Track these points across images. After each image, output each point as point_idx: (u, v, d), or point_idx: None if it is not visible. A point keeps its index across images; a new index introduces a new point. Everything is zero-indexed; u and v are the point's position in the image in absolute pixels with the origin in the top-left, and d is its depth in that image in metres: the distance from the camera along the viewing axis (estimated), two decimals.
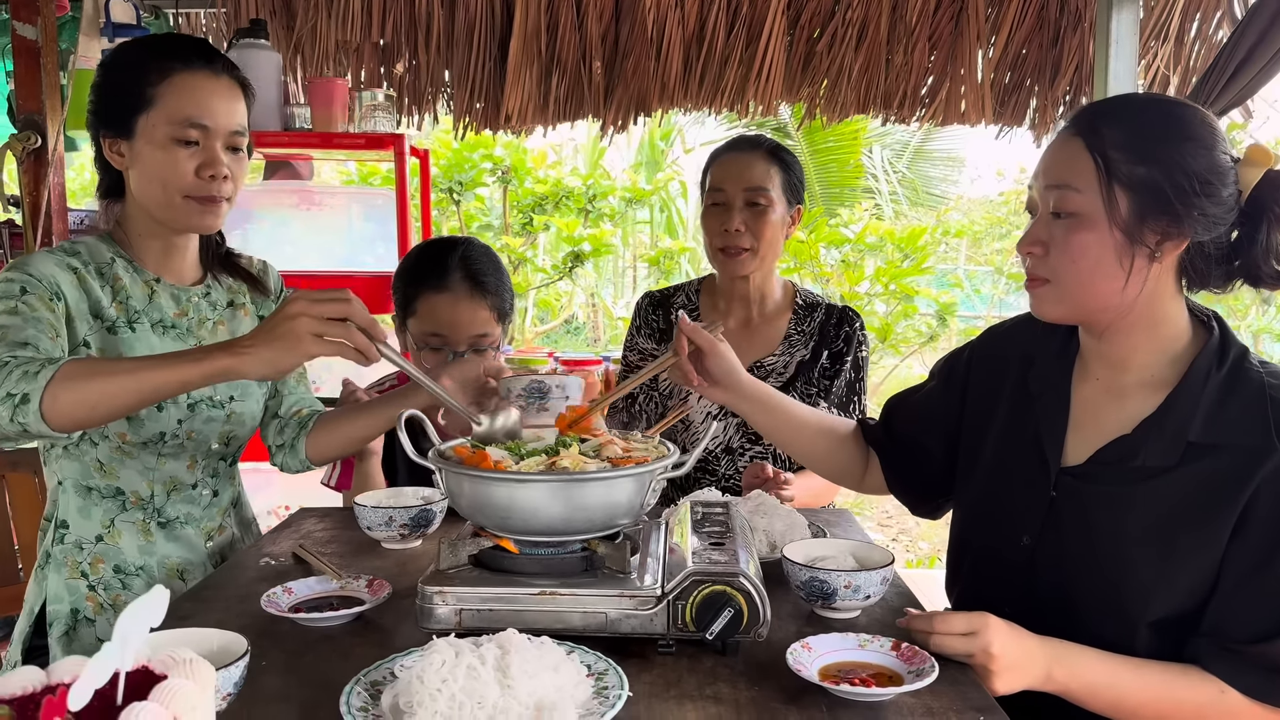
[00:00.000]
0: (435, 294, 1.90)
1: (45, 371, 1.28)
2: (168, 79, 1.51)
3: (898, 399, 1.63)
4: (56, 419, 1.28)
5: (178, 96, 1.51)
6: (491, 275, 1.94)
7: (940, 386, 1.55)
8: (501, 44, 3.40)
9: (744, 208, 2.07)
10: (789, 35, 3.39)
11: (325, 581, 1.36)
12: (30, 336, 1.38)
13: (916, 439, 1.56)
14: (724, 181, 2.10)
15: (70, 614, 1.59)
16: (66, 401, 1.28)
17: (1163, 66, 3.17)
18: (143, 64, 1.53)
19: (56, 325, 1.45)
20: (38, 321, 1.41)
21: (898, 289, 5.54)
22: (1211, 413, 1.22)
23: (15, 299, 1.43)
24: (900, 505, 1.66)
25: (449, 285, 1.90)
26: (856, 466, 1.63)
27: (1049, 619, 1.25)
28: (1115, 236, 1.21)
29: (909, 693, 1.06)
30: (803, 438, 1.59)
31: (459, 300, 1.89)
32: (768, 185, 2.07)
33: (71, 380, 1.28)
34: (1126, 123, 1.23)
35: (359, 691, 1.02)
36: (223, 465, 1.74)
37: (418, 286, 1.92)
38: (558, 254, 6.02)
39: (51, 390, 1.27)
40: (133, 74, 1.52)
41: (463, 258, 1.92)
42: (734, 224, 2.06)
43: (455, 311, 1.89)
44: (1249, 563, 1.19)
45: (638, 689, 1.07)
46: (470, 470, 1.22)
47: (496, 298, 1.94)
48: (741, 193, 2.07)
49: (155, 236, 1.61)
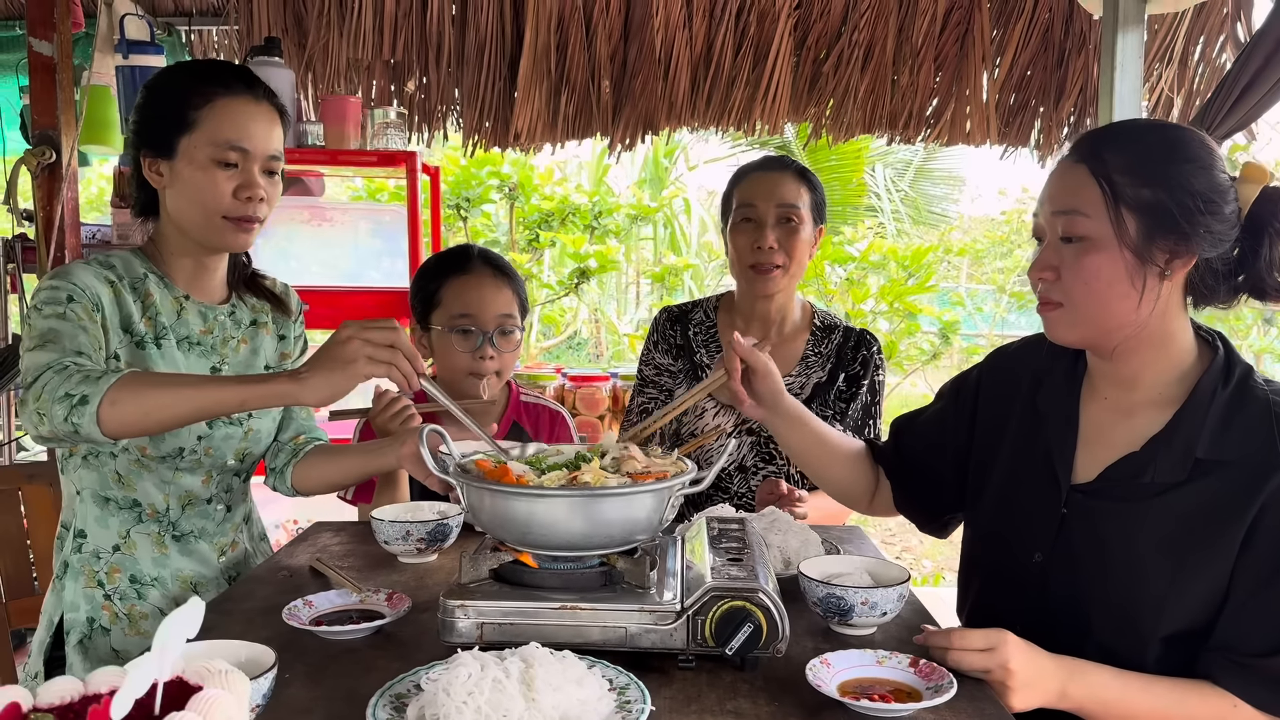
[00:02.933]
0: (460, 277, 2.01)
1: (108, 377, 1.33)
2: (210, 103, 1.55)
3: (905, 419, 1.65)
4: (111, 424, 1.32)
5: (219, 120, 1.55)
6: (509, 267, 2.09)
7: (949, 407, 1.57)
8: (511, 63, 3.43)
9: (776, 225, 2.08)
10: (796, 56, 3.42)
11: (345, 595, 1.37)
12: (83, 344, 1.43)
13: (925, 459, 1.57)
14: (755, 198, 2.10)
15: (86, 622, 1.60)
16: (124, 408, 1.32)
17: (1167, 89, 3.20)
18: (187, 87, 1.57)
19: (99, 337, 1.49)
20: (84, 331, 1.46)
21: (902, 307, 5.56)
22: (1218, 429, 1.24)
23: (64, 305, 1.47)
24: (904, 523, 1.67)
25: (472, 269, 2.02)
26: (866, 488, 1.65)
27: (1061, 635, 1.27)
28: (1126, 257, 1.23)
29: (928, 708, 1.07)
30: (824, 459, 1.61)
31: (483, 280, 2.01)
32: (798, 203, 2.09)
33: (133, 388, 1.33)
34: (1129, 147, 1.26)
35: (385, 704, 1.03)
36: (236, 481, 1.76)
37: (441, 278, 2.03)
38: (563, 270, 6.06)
39: (112, 395, 1.31)
40: (177, 96, 1.57)
41: (481, 252, 2.08)
42: (768, 241, 2.07)
43: (481, 290, 2.00)
44: (1258, 577, 1.20)
45: (659, 704, 1.08)
46: (491, 485, 1.23)
47: (516, 283, 2.06)
48: (774, 209, 2.08)
49: (187, 255, 1.65)
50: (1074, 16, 3.26)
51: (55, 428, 1.33)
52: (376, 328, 1.34)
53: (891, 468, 1.63)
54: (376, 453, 1.72)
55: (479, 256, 2.06)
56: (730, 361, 1.49)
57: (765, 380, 1.51)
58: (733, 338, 1.51)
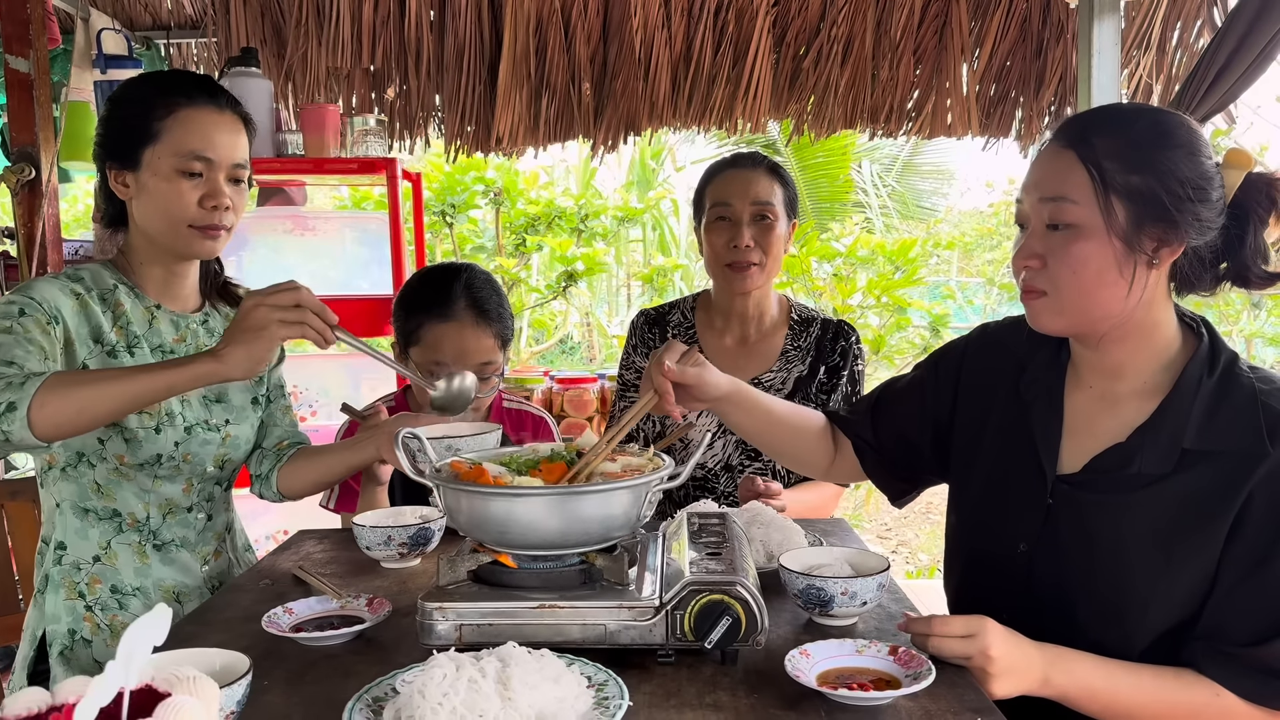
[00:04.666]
0: (440, 323, 1.90)
1: (32, 381, 1.32)
2: (174, 114, 1.56)
3: (883, 386, 1.62)
4: (42, 425, 1.31)
5: (183, 130, 1.56)
6: (494, 303, 1.95)
7: (929, 377, 1.54)
8: (491, 67, 3.44)
9: (751, 223, 2.08)
10: (775, 53, 3.43)
11: (325, 601, 1.37)
12: (18, 356, 1.42)
13: (902, 426, 1.54)
14: (730, 197, 2.10)
15: (68, 634, 1.60)
16: (53, 408, 1.31)
17: (1145, 75, 3.21)
18: (149, 99, 1.57)
19: (48, 348, 1.48)
20: (29, 342, 1.44)
21: (890, 301, 5.56)
22: (1205, 419, 1.23)
23: (12, 319, 1.46)
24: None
25: (453, 314, 1.90)
26: (823, 457, 1.60)
27: (1046, 625, 1.26)
28: (1115, 245, 1.21)
29: (907, 696, 1.07)
30: (778, 432, 1.56)
31: (464, 329, 1.90)
32: (772, 200, 2.09)
33: (59, 388, 1.33)
34: (1118, 133, 1.24)
35: (361, 708, 1.03)
36: (218, 490, 1.76)
37: (421, 316, 1.92)
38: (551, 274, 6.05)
39: (39, 398, 1.31)
40: (139, 108, 1.57)
41: (466, 285, 1.93)
42: (744, 239, 2.07)
43: (461, 340, 1.89)
44: (1244, 567, 1.20)
45: (638, 699, 1.07)
46: (467, 486, 1.23)
47: (500, 324, 1.95)
48: (749, 208, 2.08)
49: (157, 264, 1.65)
50: (1051, 6, 3.27)
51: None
52: (278, 290, 1.38)
53: (867, 434, 1.57)
54: (357, 447, 1.72)
55: (463, 296, 1.91)
56: (660, 385, 1.38)
57: (700, 388, 1.41)
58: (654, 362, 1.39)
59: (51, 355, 1.48)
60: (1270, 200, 1.23)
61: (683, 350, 1.41)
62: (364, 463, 1.75)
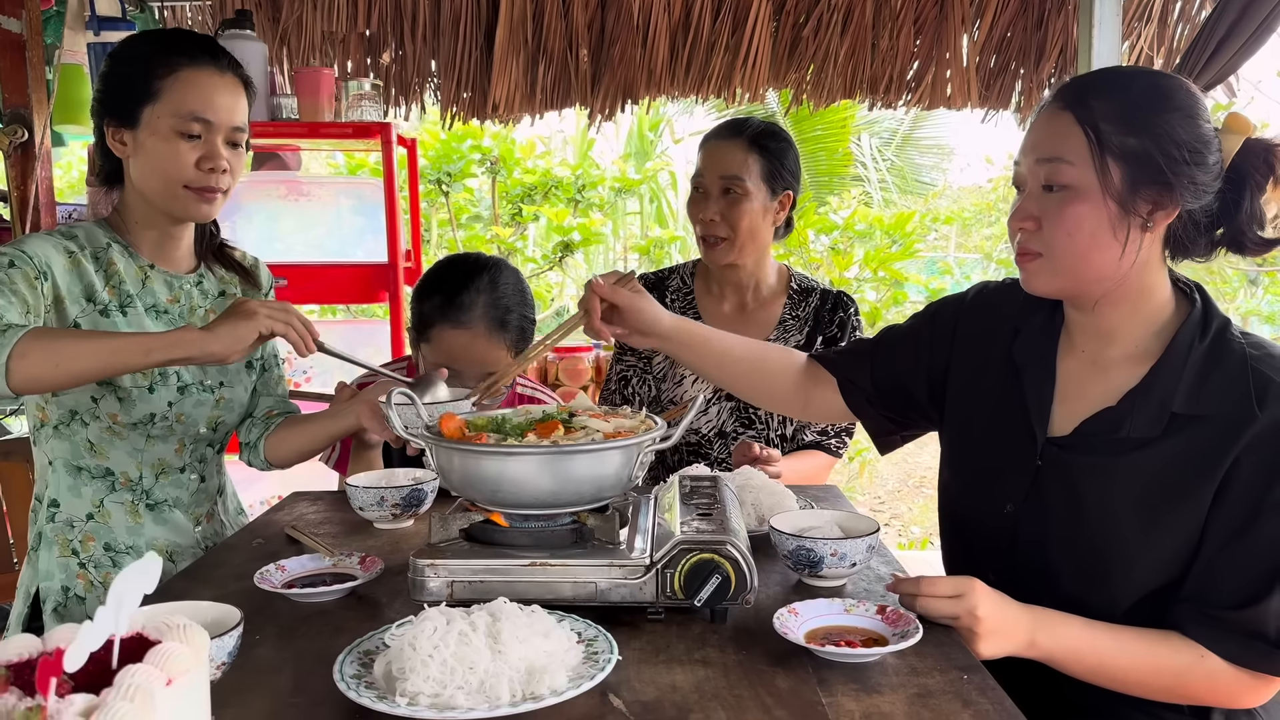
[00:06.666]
0: (454, 329, 1.83)
1: (13, 331, 1.32)
2: (174, 73, 1.55)
3: (883, 333, 1.62)
4: (18, 376, 1.32)
5: (183, 91, 1.55)
6: (515, 315, 1.88)
7: (925, 327, 1.54)
8: (487, 33, 3.40)
9: (720, 196, 2.07)
10: (774, 21, 3.39)
11: (318, 559, 1.38)
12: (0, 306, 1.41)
13: (899, 372, 1.54)
14: (705, 169, 2.10)
15: (61, 591, 1.61)
16: (31, 360, 1.31)
17: (1146, 47, 3.19)
18: (150, 57, 1.57)
19: (32, 303, 1.48)
20: (12, 294, 1.44)
21: (887, 275, 5.56)
22: (1195, 384, 1.24)
23: (1, 269, 1.46)
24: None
25: (468, 322, 1.83)
26: (797, 395, 1.61)
27: (1030, 586, 1.27)
28: (1110, 207, 1.21)
29: (894, 653, 1.08)
30: (738, 369, 1.59)
31: (476, 339, 1.84)
32: (743, 174, 2.06)
33: (39, 340, 1.33)
34: (1116, 95, 1.23)
35: (352, 661, 1.04)
36: (210, 452, 1.76)
37: (436, 316, 1.85)
38: (548, 244, 6.03)
39: (20, 348, 1.31)
40: (140, 66, 1.56)
41: (489, 290, 1.85)
42: (709, 213, 2.07)
43: (471, 351, 1.84)
44: (1229, 530, 1.21)
45: (628, 654, 1.08)
46: (459, 444, 1.23)
47: (517, 334, 1.89)
48: (718, 180, 2.07)
49: (152, 225, 1.65)
50: None
51: None
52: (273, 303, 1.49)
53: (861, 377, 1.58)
54: (338, 416, 1.73)
55: (483, 303, 1.83)
56: (589, 302, 1.46)
57: (634, 313, 1.47)
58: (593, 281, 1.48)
59: (35, 310, 1.48)
60: (1268, 166, 1.23)
61: (620, 275, 1.48)
62: (345, 431, 1.75)
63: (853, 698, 1.00)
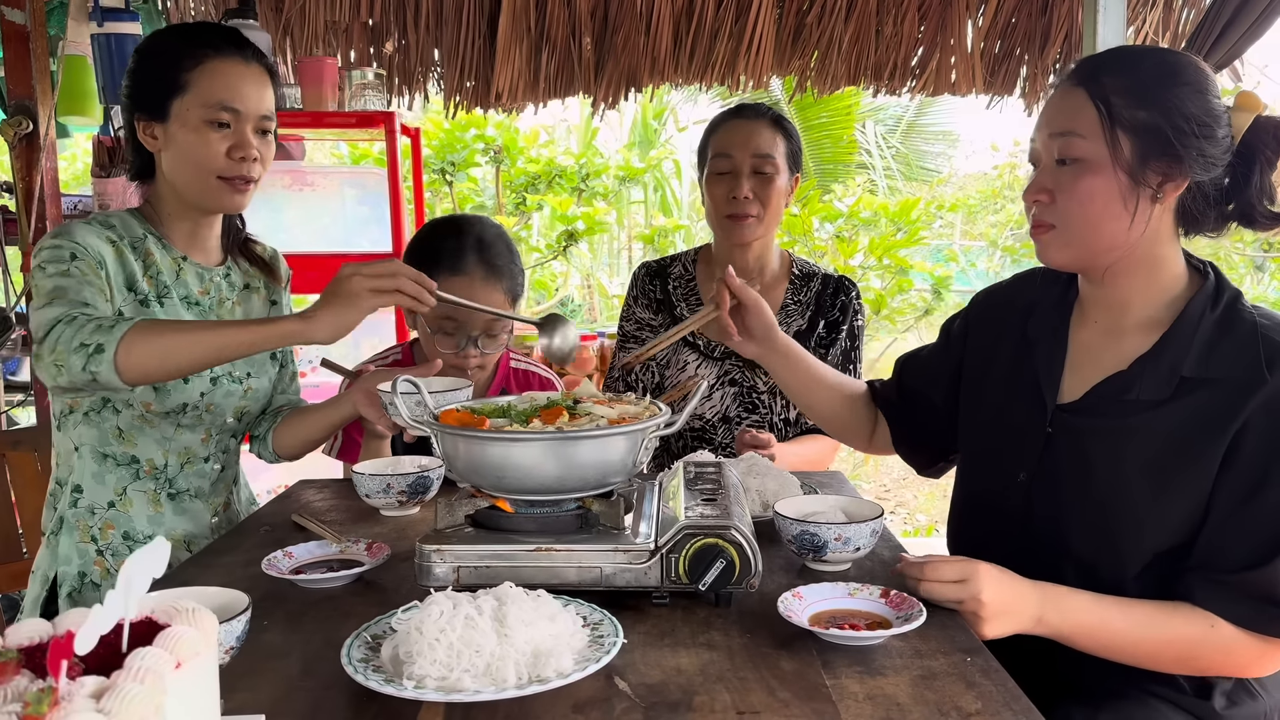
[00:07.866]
0: (450, 277, 1.86)
1: (121, 325, 1.36)
2: (201, 64, 1.57)
3: (908, 355, 1.70)
4: (129, 369, 1.36)
5: (210, 81, 1.57)
6: (505, 258, 1.93)
7: (943, 341, 1.62)
8: (490, 21, 3.39)
9: (751, 174, 2.07)
10: (778, 8, 3.38)
11: (325, 546, 1.39)
12: (89, 296, 1.46)
13: (922, 392, 1.61)
14: (730, 148, 2.09)
15: (78, 576, 1.63)
16: (141, 353, 1.35)
17: (1151, 31, 3.17)
18: (177, 50, 1.58)
19: (105, 291, 1.52)
20: (90, 285, 1.48)
21: (892, 263, 5.55)
22: (1205, 349, 1.26)
23: (67, 262, 1.50)
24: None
25: (464, 268, 1.87)
26: (864, 426, 1.70)
27: (1043, 555, 1.29)
28: (1120, 179, 1.24)
29: (897, 636, 1.09)
30: (820, 395, 1.66)
31: (474, 284, 1.87)
32: (773, 152, 2.08)
33: (147, 334, 1.36)
34: (1126, 71, 1.27)
35: (359, 645, 1.04)
36: (233, 442, 1.80)
37: (431, 269, 1.83)
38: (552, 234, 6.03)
39: (128, 341, 1.34)
40: (167, 60, 1.58)
41: (477, 239, 1.90)
42: (743, 191, 2.06)
43: (470, 297, 1.83)
44: (1237, 494, 1.21)
45: (633, 639, 1.09)
46: (465, 431, 1.24)
47: (510, 280, 1.93)
48: (749, 159, 2.07)
49: (184, 217, 1.67)
50: None
51: (74, 378, 1.36)
52: (376, 264, 1.41)
53: (890, 405, 1.67)
54: (337, 405, 1.75)
55: (475, 249, 1.88)
56: (720, 295, 1.54)
57: (756, 315, 1.57)
58: (725, 273, 1.56)
59: (109, 298, 1.52)
60: (1278, 142, 1.25)
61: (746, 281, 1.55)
62: (344, 419, 1.77)
63: (857, 680, 1.00)
